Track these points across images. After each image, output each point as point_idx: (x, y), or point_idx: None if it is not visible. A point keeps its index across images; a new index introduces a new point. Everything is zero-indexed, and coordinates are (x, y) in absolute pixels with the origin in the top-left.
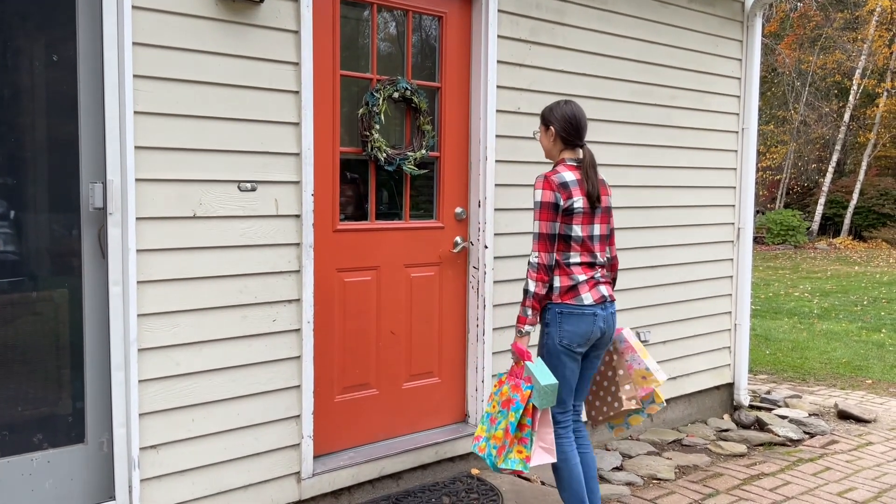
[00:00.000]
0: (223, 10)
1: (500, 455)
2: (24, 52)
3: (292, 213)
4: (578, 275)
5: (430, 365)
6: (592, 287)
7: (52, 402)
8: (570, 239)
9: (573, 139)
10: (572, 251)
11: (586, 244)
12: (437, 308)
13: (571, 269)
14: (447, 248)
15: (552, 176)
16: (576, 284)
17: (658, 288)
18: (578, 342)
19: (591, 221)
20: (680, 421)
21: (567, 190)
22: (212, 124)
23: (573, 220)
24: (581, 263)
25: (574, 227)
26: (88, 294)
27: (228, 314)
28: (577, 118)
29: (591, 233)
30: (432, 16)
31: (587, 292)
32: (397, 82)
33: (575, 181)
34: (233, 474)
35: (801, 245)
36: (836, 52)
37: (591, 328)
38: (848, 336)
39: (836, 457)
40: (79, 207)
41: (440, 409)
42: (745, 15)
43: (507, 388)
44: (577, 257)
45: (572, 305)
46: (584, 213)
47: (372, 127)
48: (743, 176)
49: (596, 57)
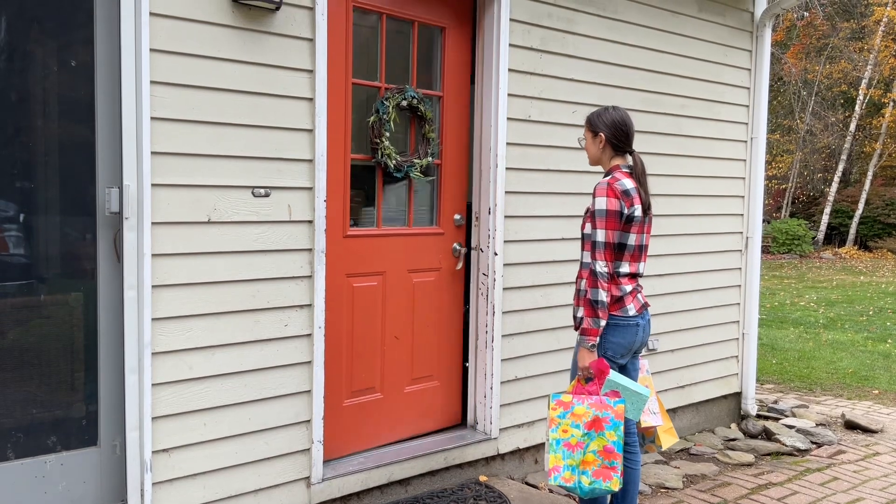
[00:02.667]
0: (239, 18)
1: (609, 478)
2: (42, 58)
3: (305, 219)
4: (626, 286)
5: (430, 369)
6: (634, 297)
7: (66, 405)
8: (625, 248)
9: (623, 145)
10: (623, 261)
11: (636, 254)
12: (437, 313)
13: (620, 280)
14: (447, 254)
15: (615, 183)
16: (623, 296)
17: (666, 296)
18: (622, 353)
19: (641, 231)
20: (687, 430)
21: (629, 198)
22: (227, 130)
23: (631, 229)
24: (629, 274)
25: (631, 235)
26: (103, 298)
27: (241, 319)
28: (626, 124)
29: (641, 242)
30: (434, 27)
31: (631, 303)
32: (405, 91)
33: (634, 189)
34: (243, 478)
35: (807, 254)
36: (843, 61)
37: (634, 339)
38: (854, 346)
39: (844, 467)
40: (95, 212)
41: (435, 412)
42: (755, 25)
43: (583, 408)
44: (626, 267)
45: (618, 317)
46: (639, 222)
47: (382, 134)
48: (751, 185)
49: (606, 66)
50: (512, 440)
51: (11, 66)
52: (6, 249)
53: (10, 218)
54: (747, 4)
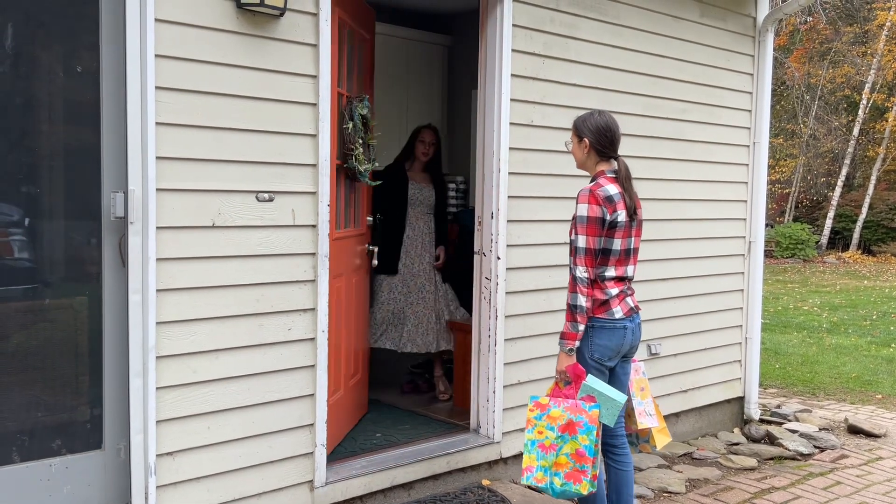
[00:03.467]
0: (244, 24)
1: (580, 481)
2: (48, 63)
3: (308, 224)
4: (611, 289)
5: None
6: (622, 300)
7: (71, 409)
8: (610, 253)
9: (608, 151)
10: (609, 265)
11: (622, 258)
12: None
13: (605, 284)
14: (364, 254)
15: (597, 190)
16: (608, 299)
17: (669, 300)
18: (609, 356)
19: (628, 235)
20: (690, 434)
21: (612, 204)
22: (231, 135)
23: (615, 234)
24: (615, 278)
25: (615, 240)
26: (108, 302)
27: (245, 323)
28: (611, 129)
29: (627, 246)
30: (363, 37)
31: (618, 306)
32: (363, 99)
33: (618, 194)
34: (247, 482)
35: (810, 259)
36: (846, 66)
37: (622, 341)
38: (857, 351)
39: (847, 471)
40: (100, 216)
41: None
42: (757, 30)
43: (558, 411)
44: (612, 271)
45: (604, 319)
46: (624, 227)
47: (356, 141)
48: (754, 189)
49: (608, 71)
50: (515, 444)
51: (18, 72)
52: (11, 254)
53: (16, 222)
54: (749, 9)
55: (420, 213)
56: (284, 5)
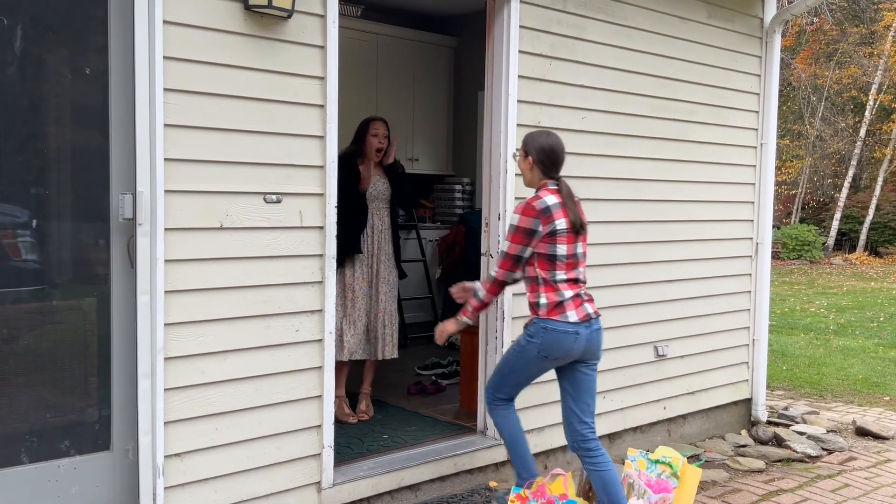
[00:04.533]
0: (252, 26)
1: None
2: (56, 65)
3: (316, 225)
4: (565, 291)
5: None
6: (578, 305)
7: (80, 410)
8: (556, 258)
9: (550, 171)
10: (558, 269)
11: (571, 262)
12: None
13: (559, 286)
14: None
15: (534, 202)
16: (562, 301)
17: (676, 302)
18: (557, 356)
19: (575, 241)
20: (697, 436)
21: (549, 214)
22: (239, 137)
23: (557, 241)
24: (567, 280)
25: (559, 246)
26: (116, 303)
27: (253, 324)
28: (555, 151)
29: (575, 251)
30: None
31: (573, 310)
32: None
33: (557, 204)
34: (255, 483)
35: (817, 260)
36: (852, 66)
37: (572, 346)
38: (865, 352)
39: (855, 473)
40: (108, 218)
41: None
42: (764, 31)
43: None
44: (562, 274)
45: (557, 322)
46: (567, 233)
47: None
48: (761, 191)
49: (615, 72)
50: None
51: (27, 74)
52: (20, 255)
53: (24, 224)
54: (756, 10)
55: (376, 209)
56: (292, 7)
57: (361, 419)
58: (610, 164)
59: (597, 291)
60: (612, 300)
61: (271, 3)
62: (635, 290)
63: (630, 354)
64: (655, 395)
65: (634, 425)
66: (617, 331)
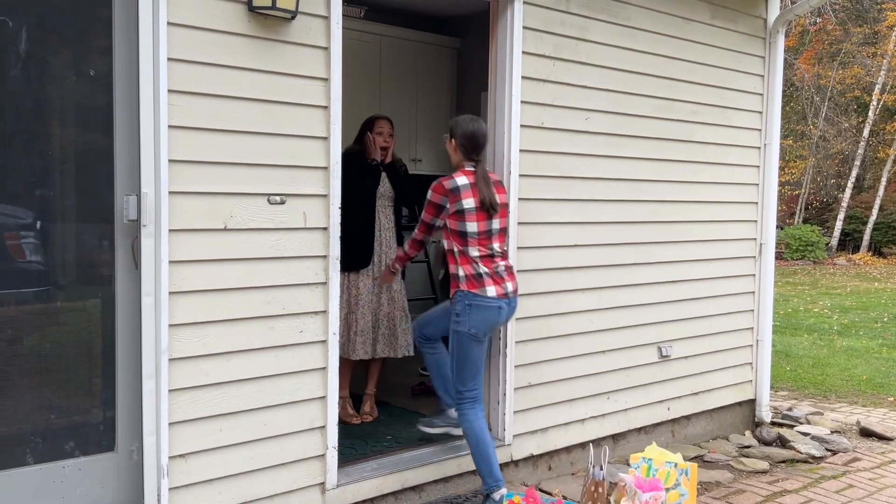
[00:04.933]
0: (255, 27)
1: None
2: (61, 67)
3: (320, 226)
4: (481, 266)
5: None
6: (497, 283)
7: (84, 411)
8: (467, 234)
9: (471, 154)
10: (470, 245)
11: (483, 239)
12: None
13: (473, 260)
14: None
15: (445, 181)
16: (480, 275)
17: (679, 303)
18: (485, 330)
19: (488, 218)
20: (701, 437)
21: (457, 194)
22: (243, 138)
23: (466, 219)
24: (481, 256)
25: (468, 224)
26: (121, 304)
27: (257, 325)
28: (476, 137)
29: (489, 228)
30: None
31: (491, 286)
32: None
33: (468, 185)
34: (259, 484)
35: (821, 261)
36: (856, 66)
37: (497, 319)
38: (869, 353)
39: (860, 474)
40: (113, 219)
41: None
42: (768, 31)
43: None
44: (475, 251)
45: (480, 297)
46: (476, 212)
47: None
48: (765, 191)
49: (618, 73)
50: (525, 446)
51: (31, 75)
52: (24, 256)
53: (29, 225)
54: (760, 11)
55: (382, 207)
56: (296, 8)
57: (365, 420)
58: (613, 165)
59: (600, 292)
60: (616, 301)
61: (275, 5)
62: (638, 290)
63: (633, 355)
64: (659, 395)
65: (638, 426)
66: (620, 332)
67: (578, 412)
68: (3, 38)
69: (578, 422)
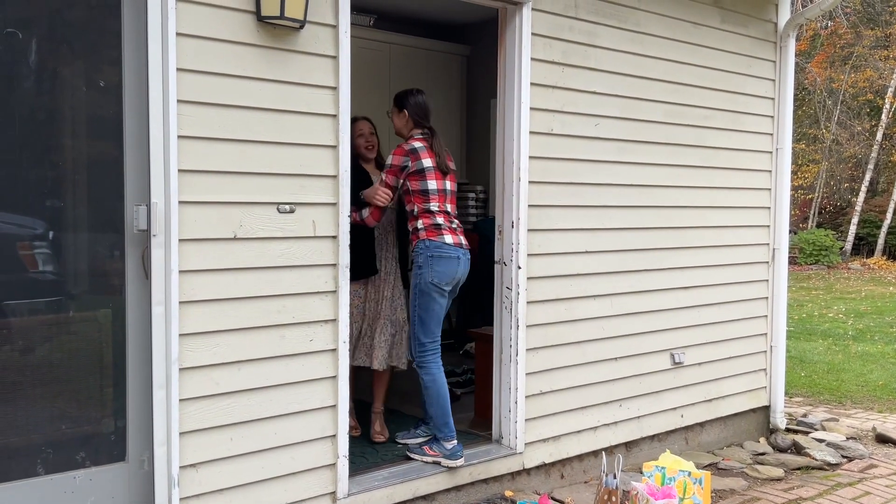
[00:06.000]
0: (264, 37)
1: None
2: (71, 78)
3: (329, 235)
4: (438, 218)
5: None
6: (453, 233)
7: (95, 421)
8: (427, 192)
9: (422, 121)
10: (431, 201)
11: (440, 196)
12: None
13: (432, 213)
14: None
15: (404, 145)
16: (438, 225)
17: (692, 309)
18: (447, 281)
19: (442, 178)
20: (715, 444)
21: (416, 154)
22: (252, 148)
23: (426, 177)
24: (439, 210)
25: (428, 182)
26: (131, 314)
27: (267, 334)
28: (426, 106)
29: (443, 187)
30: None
31: (448, 234)
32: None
33: (423, 147)
34: (269, 493)
35: (835, 265)
36: (868, 70)
37: (457, 268)
38: (884, 358)
39: (876, 481)
40: (123, 229)
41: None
42: (778, 35)
43: None
44: (434, 206)
45: (438, 245)
46: (434, 170)
47: None
48: (778, 196)
49: (628, 78)
50: (537, 455)
51: (42, 87)
52: (36, 266)
53: (40, 235)
54: (770, 15)
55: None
56: (304, 18)
57: (377, 440)
58: (623, 171)
59: (612, 299)
60: (628, 307)
61: (283, 14)
62: (651, 297)
63: (646, 362)
64: (672, 402)
65: (651, 434)
66: (632, 338)
67: (591, 420)
68: (14, 50)
69: (591, 429)
